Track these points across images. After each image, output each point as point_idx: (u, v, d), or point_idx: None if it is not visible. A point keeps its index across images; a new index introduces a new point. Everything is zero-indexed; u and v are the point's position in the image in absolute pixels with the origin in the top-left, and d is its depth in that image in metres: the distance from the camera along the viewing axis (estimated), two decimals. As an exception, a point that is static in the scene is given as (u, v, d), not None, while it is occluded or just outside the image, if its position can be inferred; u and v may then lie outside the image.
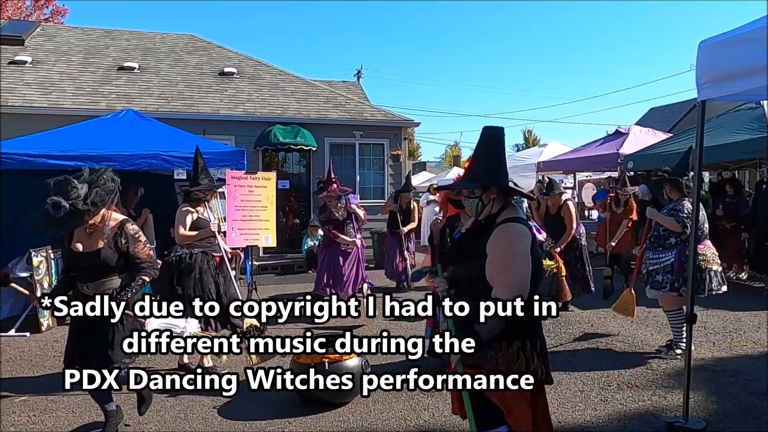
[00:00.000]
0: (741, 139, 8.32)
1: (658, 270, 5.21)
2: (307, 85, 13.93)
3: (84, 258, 3.54)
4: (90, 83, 12.11)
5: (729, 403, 4.12)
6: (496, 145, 2.63)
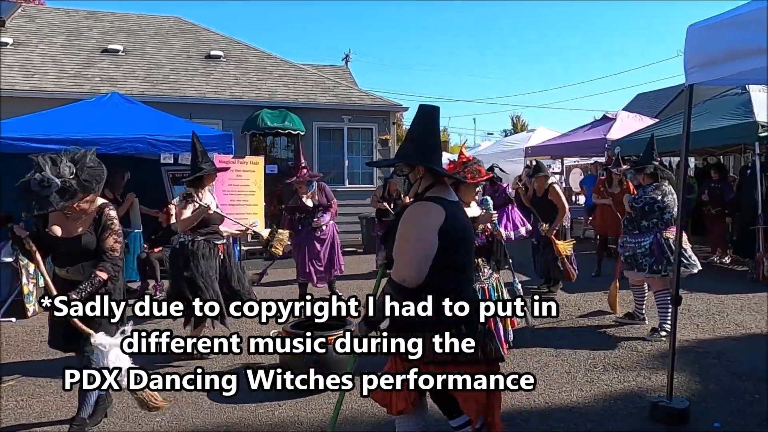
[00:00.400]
0: (727, 125, 8.39)
1: (638, 254, 5.37)
2: (295, 69, 13.80)
3: (63, 243, 3.42)
4: (73, 66, 11.90)
5: (712, 383, 4.20)
6: (425, 124, 2.57)
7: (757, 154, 8.05)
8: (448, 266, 2.46)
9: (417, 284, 2.47)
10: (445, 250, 2.41)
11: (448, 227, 2.40)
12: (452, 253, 2.44)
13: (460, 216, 2.52)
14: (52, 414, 3.89)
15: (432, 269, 2.43)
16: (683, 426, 3.49)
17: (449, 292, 2.51)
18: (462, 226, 2.49)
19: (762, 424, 3.51)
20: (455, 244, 2.44)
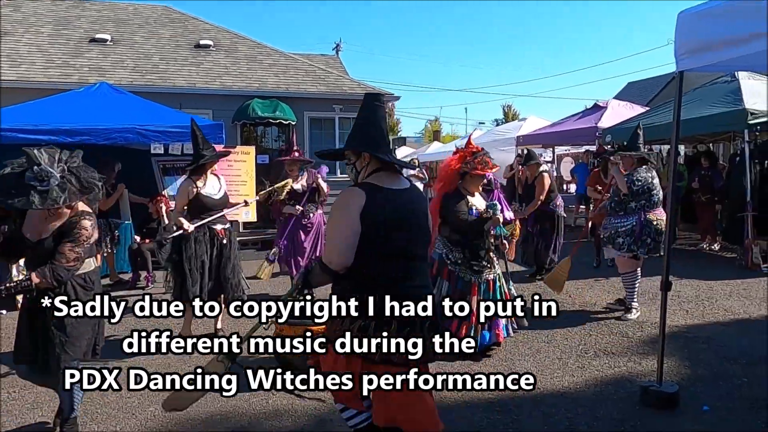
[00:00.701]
0: (716, 112, 8.44)
1: (620, 233, 5.47)
2: (285, 59, 13.70)
3: (30, 245, 3.26)
4: (60, 55, 11.75)
5: (701, 368, 4.26)
6: (368, 112, 2.60)
7: (746, 141, 8.11)
8: (380, 253, 2.43)
9: (341, 267, 2.45)
10: (371, 235, 2.38)
11: (371, 212, 2.37)
12: (381, 238, 2.40)
13: (399, 202, 2.45)
14: (44, 405, 3.89)
15: (361, 254, 2.41)
16: (673, 410, 3.54)
17: (383, 279, 2.47)
18: (398, 212, 2.43)
19: (750, 408, 3.56)
20: (385, 229, 2.40)
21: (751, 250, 7.77)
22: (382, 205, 2.41)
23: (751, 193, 7.93)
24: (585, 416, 3.51)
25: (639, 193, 5.43)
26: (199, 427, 3.57)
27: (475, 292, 4.45)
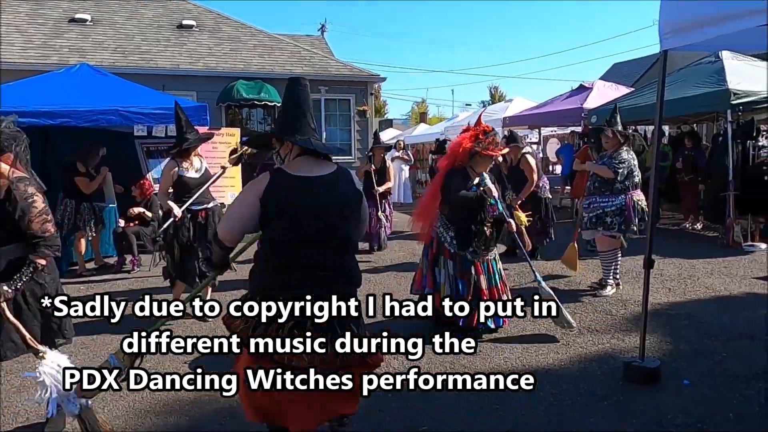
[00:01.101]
0: (700, 93, 8.50)
1: (608, 212, 5.52)
2: (270, 39, 13.54)
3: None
4: (39, 36, 11.52)
5: (682, 344, 4.34)
6: (288, 97, 2.54)
7: (729, 121, 8.19)
8: (280, 240, 2.40)
9: (228, 242, 2.53)
10: (274, 220, 2.37)
11: (271, 196, 2.35)
12: (286, 224, 2.36)
13: (307, 189, 2.37)
14: (31, 388, 3.85)
15: (271, 241, 2.43)
16: (655, 384, 3.61)
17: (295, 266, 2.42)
18: (304, 198, 2.35)
19: (730, 382, 3.65)
20: (289, 215, 2.35)
21: (732, 229, 7.89)
22: (285, 190, 2.36)
23: (733, 173, 8.03)
24: (569, 392, 3.57)
25: (625, 174, 5.49)
26: (186, 408, 3.59)
27: (480, 270, 4.53)
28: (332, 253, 2.44)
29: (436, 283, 4.59)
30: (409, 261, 7.76)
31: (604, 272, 5.83)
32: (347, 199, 2.47)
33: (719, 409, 3.28)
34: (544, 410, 3.35)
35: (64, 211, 7.16)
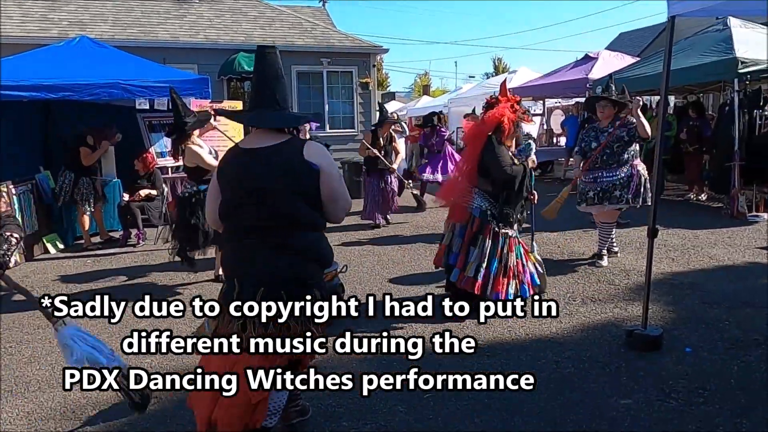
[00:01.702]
0: (707, 61, 8.37)
1: (617, 185, 5.47)
2: (271, 11, 13.36)
3: None
4: (38, 9, 11.39)
5: (685, 312, 4.37)
6: (254, 70, 2.48)
7: (735, 90, 8.09)
8: (222, 212, 2.46)
9: (213, 224, 2.63)
10: (223, 194, 2.44)
11: (221, 172, 2.45)
12: (224, 196, 2.43)
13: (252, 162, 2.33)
14: (42, 359, 3.94)
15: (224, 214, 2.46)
16: (657, 352, 3.65)
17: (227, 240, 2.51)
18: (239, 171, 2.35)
19: (730, 348, 3.68)
20: (230, 189, 2.39)
21: (737, 199, 7.86)
22: (227, 165, 2.42)
23: (739, 143, 7.97)
24: (571, 359, 3.62)
25: (629, 143, 5.46)
26: (195, 376, 3.64)
27: (512, 249, 4.45)
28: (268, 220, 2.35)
29: (465, 262, 4.40)
30: (415, 234, 7.80)
31: (602, 244, 5.83)
32: (284, 169, 2.32)
33: (720, 376, 3.31)
34: (547, 377, 3.40)
35: (63, 182, 7.19)
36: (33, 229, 7.06)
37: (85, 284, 5.79)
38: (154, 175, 7.81)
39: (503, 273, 4.38)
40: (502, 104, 4.46)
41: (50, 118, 8.08)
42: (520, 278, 4.48)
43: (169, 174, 8.48)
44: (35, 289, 5.60)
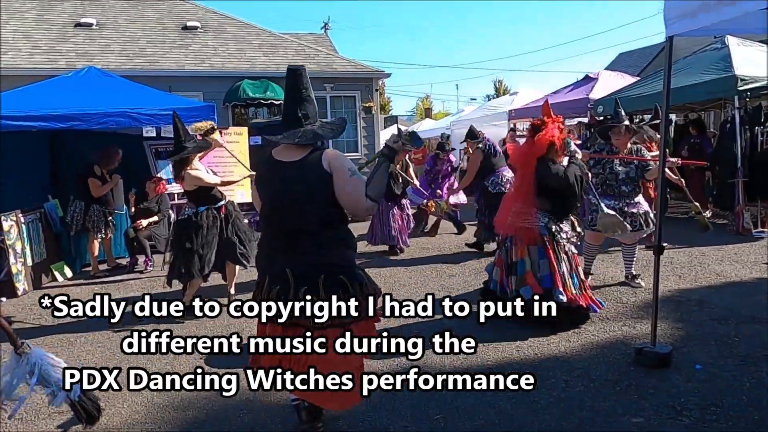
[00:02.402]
0: (707, 79, 8.45)
1: (641, 213, 5.45)
2: (274, 38, 13.59)
3: None
4: (46, 41, 11.63)
5: (693, 329, 4.36)
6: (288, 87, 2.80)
7: (736, 108, 8.15)
8: (261, 212, 2.88)
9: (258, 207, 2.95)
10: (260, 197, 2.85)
11: (258, 177, 2.87)
12: (261, 198, 2.83)
13: (282, 173, 2.69)
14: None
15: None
16: (666, 369, 3.63)
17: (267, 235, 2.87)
18: (272, 181, 2.74)
19: (741, 364, 3.66)
20: (263, 192, 2.79)
21: (741, 216, 7.86)
22: (265, 175, 2.82)
23: (742, 160, 8.00)
24: (581, 378, 3.60)
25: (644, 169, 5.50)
26: (203, 402, 3.64)
27: (578, 262, 4.65)
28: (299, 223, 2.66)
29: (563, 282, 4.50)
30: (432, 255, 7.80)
31: (628, 266, 5.72)
32: (308, 180, 2.63)
33: (732, 392, 3.29)
34: (557, 396, 3.38)
35: (74, 212, 7.29)
36: (41, 258, 7.11)
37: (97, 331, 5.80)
38: (161, 199, 7.88)
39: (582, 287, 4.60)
40: (550, 125, 4.59)
41: (58, 147, 8.20)
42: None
43: (176, 200, 8.55)
44: (43, 317, 5.62)
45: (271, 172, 2.75)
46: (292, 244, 2.69)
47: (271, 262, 2.78)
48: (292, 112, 2.71)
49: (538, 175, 4.49)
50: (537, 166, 4.51)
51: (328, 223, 2.68)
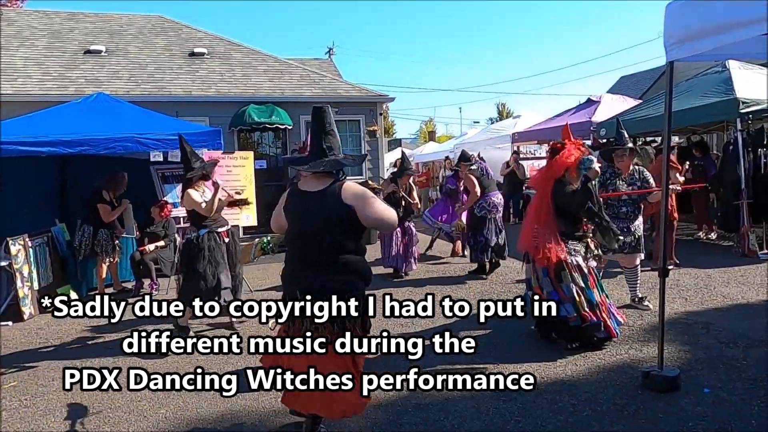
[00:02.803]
0: (709, 102, 8.51)
1: (645, 236, 5.59)
2: (279, 64, 13.79)
3: None
4: (56, 68, 11.83)
5: (701, 352, 4.33)
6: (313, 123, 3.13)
7: (738, 130, 8.19)
8: (286, 237, 3.15)
9: (277, 231, 3.27)
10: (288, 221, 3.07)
11: (286, 204, 3.09)
12: (287, 224, 3.06)
13: (305, 203, 2.96)
14: (57, 412, 3.93)
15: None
16: (674, 393, 3.60)
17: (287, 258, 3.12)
18: (296, 206, 3.01)
19: (750, 387, 3.63)
20: (291, 219, 3.03)
21: (747, 238, 7.84)
22: (292, 202, 3.05)
23: (745, 181, 8.01)
24: (588, 402, 3.57)
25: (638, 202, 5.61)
26: (209, 427, 3.62)
27: (594, 284, 4.59)
28: (317, 249, 2.90)
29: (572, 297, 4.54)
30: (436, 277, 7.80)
31: (632, 288, 5.75)
32: (320, 212, 2.89)
33: (741, 415, 3.26)
34: (564, 421, 3.35)
35: (82, 236, 7.35)
36: (48, 281, 7.14)
37: (98, 334, 5.81)
38: (168, 224, 7.93)
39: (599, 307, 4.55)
40: (568, 148, 4.67)
41: (66, 172, 8.29)
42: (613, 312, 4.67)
43: (181, 224, 8.60)
44: (49, 340, 5.63)
45: (296, 201, 3.01)
46: (311, 268, 2.92)
47: (293, 281, 3.00)
48: (317, 145, 2.98)
49: (553, 198, 4.59)
50: (553, 187, 4.62)
51: (342, 250, 2.88)
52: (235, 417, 3.70)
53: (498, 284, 7.15)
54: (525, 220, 5.18)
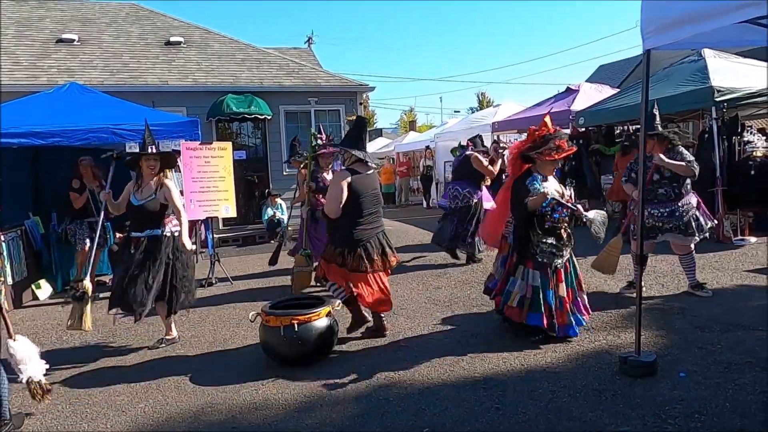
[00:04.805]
0: (684, 91, 8.62)
1: (697, 215, 5.39)
2: (258, 53, 13.61)
3: None
4: (27, 57, 11.54)
5: (676, 336, 4.40)
6: (354, 127, 4.95)
7: (714, 118, 8.30)
8: (356, 207, 4.58)
9: (334, 215, 4.58)
10: (353, 199, 4.55)
11: (352, 185, 4.54)
12: (358, 201, 4.58)
13: (367, 182, 4.67)
14: (32, 407, 3.87)
15: (349, 210, 4.55)
16: (651, 377, 3.66)
17: (357, 222, 4.59)
18: (366, 188, 4.64)
19: (724, 371, 3.70)
20: (358, 196, 4.57)
21: (722, 224, 7.98)
22: (359, 183, 4.61)
23: (720, 169, 8.14)
24: (567, 388, 3.61)
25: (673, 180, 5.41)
26: (189, 420, 3.60)
27: (561, 279, 4.47)
28: (377, 217, 4.77)
29: (505, 291, 4.59)
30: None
31: (689, 274, 5.60)
32: (377, 188, 4.85)
33: (716, 398, 3.33)
34: (544, 407, 3.39)
35: (65, 227, 7.26)
36: (22, 276, 7.00)
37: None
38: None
39: (560, 305, 4.45)
40: (528, 138, 4.57)
41: (40, 164, 8.11)
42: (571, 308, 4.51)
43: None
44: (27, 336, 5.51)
45: (366, 180, 4.65)
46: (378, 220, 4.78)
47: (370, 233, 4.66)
48: (359, 142, 4.74)
49: (514, 186, 4.56)
50: (514, 179, 4.58)
51: None
52: (215, 410, 3.68)
53: (480, 272, 7.19)
54: (491, 211, 5.19)
